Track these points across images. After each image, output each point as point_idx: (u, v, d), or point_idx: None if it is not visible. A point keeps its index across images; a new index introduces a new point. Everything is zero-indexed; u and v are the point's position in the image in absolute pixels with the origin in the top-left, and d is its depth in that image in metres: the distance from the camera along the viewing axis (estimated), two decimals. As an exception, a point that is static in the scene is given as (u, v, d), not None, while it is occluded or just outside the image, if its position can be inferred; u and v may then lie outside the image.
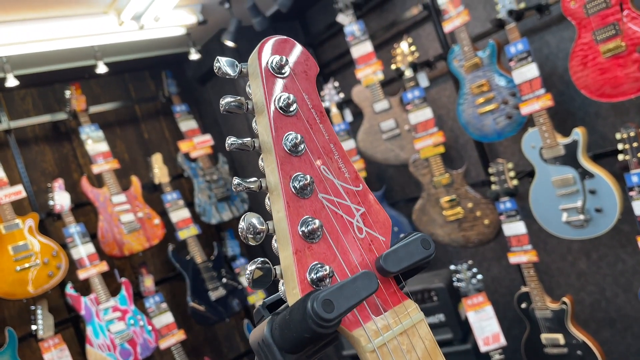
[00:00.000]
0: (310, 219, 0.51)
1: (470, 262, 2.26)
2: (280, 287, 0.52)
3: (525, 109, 2.05)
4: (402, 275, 0.56)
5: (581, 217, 1.98)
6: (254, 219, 0.49)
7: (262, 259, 0.50)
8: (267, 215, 0.55)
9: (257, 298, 3.04)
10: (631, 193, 1.83)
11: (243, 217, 0.49)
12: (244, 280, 3.03)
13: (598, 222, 1.97)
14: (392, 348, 0.51)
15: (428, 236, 0.56)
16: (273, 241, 0.53)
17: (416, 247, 0.54)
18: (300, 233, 0.50)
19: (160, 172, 2.92)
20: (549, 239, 2.50)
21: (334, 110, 2.88)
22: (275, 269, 0.51)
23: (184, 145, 3.02)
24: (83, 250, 2.55)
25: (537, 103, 2.01)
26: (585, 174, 1.96)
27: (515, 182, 2.22)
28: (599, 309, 2.42)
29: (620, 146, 1.85)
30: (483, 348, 2.18)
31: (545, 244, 2.53)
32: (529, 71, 2.02)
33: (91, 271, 2.53)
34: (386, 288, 0.55)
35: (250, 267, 0.49)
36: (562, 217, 2.05)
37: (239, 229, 0.49)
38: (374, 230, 0.55)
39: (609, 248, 2.32)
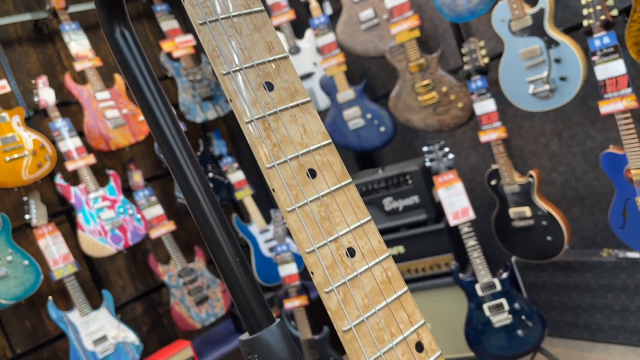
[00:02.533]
0: None
1: (442, 142, 2.31)
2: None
3: (494, -18, 2.04)
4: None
5: (547, 87, 2.02)
6: None
7: None
8: None
9: (244, 194, 3.15)
10: (594, 58, 1.85)
11: None
12: (231, 177, 3.13)
13: (562, 91, 2.00)
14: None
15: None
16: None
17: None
18: None
19: None
20: (523, 121, 2.55)
21: (314, 4, 2.86)
22: None
23: (166, 45, 3.04)
24: (70, 143, 2.63)
25: (506, -26, 2.00)
26: (551, 43, 1.98)
27: (486, 60, 2.24)
28: (570, 188, 2.49)
29: (585, 11, 1.85)
30: (452, 222, 2.27)
31: (519, 127, 2.57)
32: (499, -60, 1.99)
33: (79, 163, 2.63)
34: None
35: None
36: (528, 90, 2.08)
37: None
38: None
39: (579, 126, 2.36)
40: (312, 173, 0.49)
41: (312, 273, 0.47)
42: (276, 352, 0.49)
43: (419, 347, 0.51)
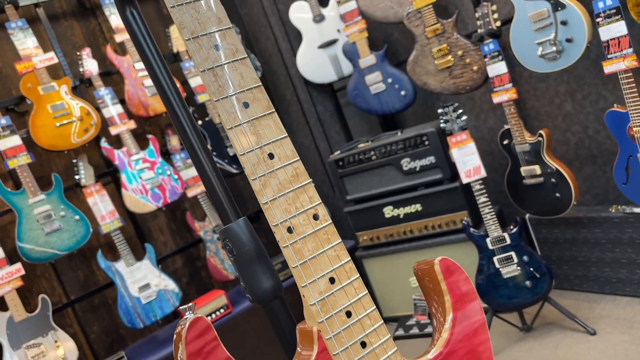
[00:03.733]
0: None
1: (456, 104, 2.42)
2: None
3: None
4: None
5: (554, 48, 2.10)
6: None
7: None
8: None
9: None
10: (597, 19, 1.92)
11: None
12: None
13: (569, 52, 2.08)
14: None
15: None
16: None
17: None
18: None
19: (177, 41, 3.15)
20: (538, 84, 2.62)
21: (336, -28, 2.96)
22: None
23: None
24: (113, 110, 2.87)
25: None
26: (557, 5, 2.05)
27: (498, 23, 2.32)
28: (583, 147, 2.57)
29: (590, -27, 1.92)
30: (465, 180, 2.40)
31: (535, 89, 2.65)
32: None
33: (121, 128, 2.87)
34: None
35: None
36: (537, 52, 2.16)
37: None
38: None
39: (591, 87, 2.43)
40: (246, 105, 0.71)
41: (244, 168, 0.69)
42: (242, 239, 0.68)
43: (315, 217, 0.71)
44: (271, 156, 0.69)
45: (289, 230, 0.69)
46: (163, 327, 3.16)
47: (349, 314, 0.72)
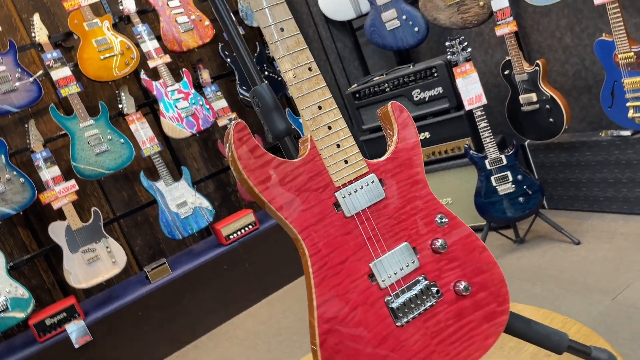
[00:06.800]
0: None
1: (462, 37, 2.64)
2: None
3: None
4: None
5: (550, -18, 2.29)
6: None
7: None
8: None
9: (296, 91, 3.62)
10: (589, -46, 2.11)
11: None
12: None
13: (564, -14, 2.27)
14: None
15: None
16: None
17: None
18: None
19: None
20: (541, 18, 2.81)
21: None
22: None
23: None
24: (150, 45, 3.16)
25: None
26: (554, -58, 2.23)
27: (502, -40, 2.50)
28: (580, 78, 2.78)
29: None
30: (467, 107, 2.65)
31: (538, 24, 2.84)
32: None
33: (158, 62, 3.17)
34: None
35: None
36: (535, -14, 2.36)
37: None
38: None
39: (589, 20, 2.61)
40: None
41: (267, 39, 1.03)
42: (264, 96, 1.01)
43: (310, 69, 1.07)
44: (282, 29, 1.02)
45: (294, 75, 1.04)
46: (198, 243, 3.55)
47: (329, 127, 1.09)
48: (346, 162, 1.07)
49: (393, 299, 1.05)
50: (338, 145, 1.08)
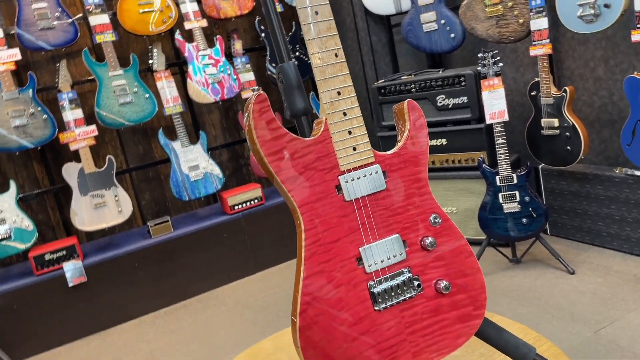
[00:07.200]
0: None
1: (495, 51, 2.65)
2: None
3: None
4: None
5: (592, 11, 2.29)
6: None
7: None
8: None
9: (324, 76, 3.64)
10: (635, -11, 2.10)
11: None
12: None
13: (605, 17, 2.27)
14: None
15: None
16: None
17: None
18: None
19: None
20: (578, 45, 2.80)
21: None
22: None
23: None
24: (189, 6, 3.21)
25: None
26: (602, -28, 2.22)
27: (549, -19, 2.50)
28: (605, 111, 2.78)
29: (638, -54, 2.08)
30: (488, 121, 2.66)
31: (574, 51, 2.83)
32: None
33: (194, 24, 3.22)
34: None
35: None
36: (577, 12, 2.36)
37: None
38: None
39: (625, 55, 2.61)
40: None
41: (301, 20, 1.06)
42: (289, 73, 1.05)
43: (336, 55, 1.12)
44: (317, 13, 1.07)
45: (320, 58, 1.09)
46: (203, 207, 3.62)
47: (344, 114, 1.13)
48: (355, 149, 1.12)
49: (376, 284, 1.09)
50: (350, 132, 1.12)
